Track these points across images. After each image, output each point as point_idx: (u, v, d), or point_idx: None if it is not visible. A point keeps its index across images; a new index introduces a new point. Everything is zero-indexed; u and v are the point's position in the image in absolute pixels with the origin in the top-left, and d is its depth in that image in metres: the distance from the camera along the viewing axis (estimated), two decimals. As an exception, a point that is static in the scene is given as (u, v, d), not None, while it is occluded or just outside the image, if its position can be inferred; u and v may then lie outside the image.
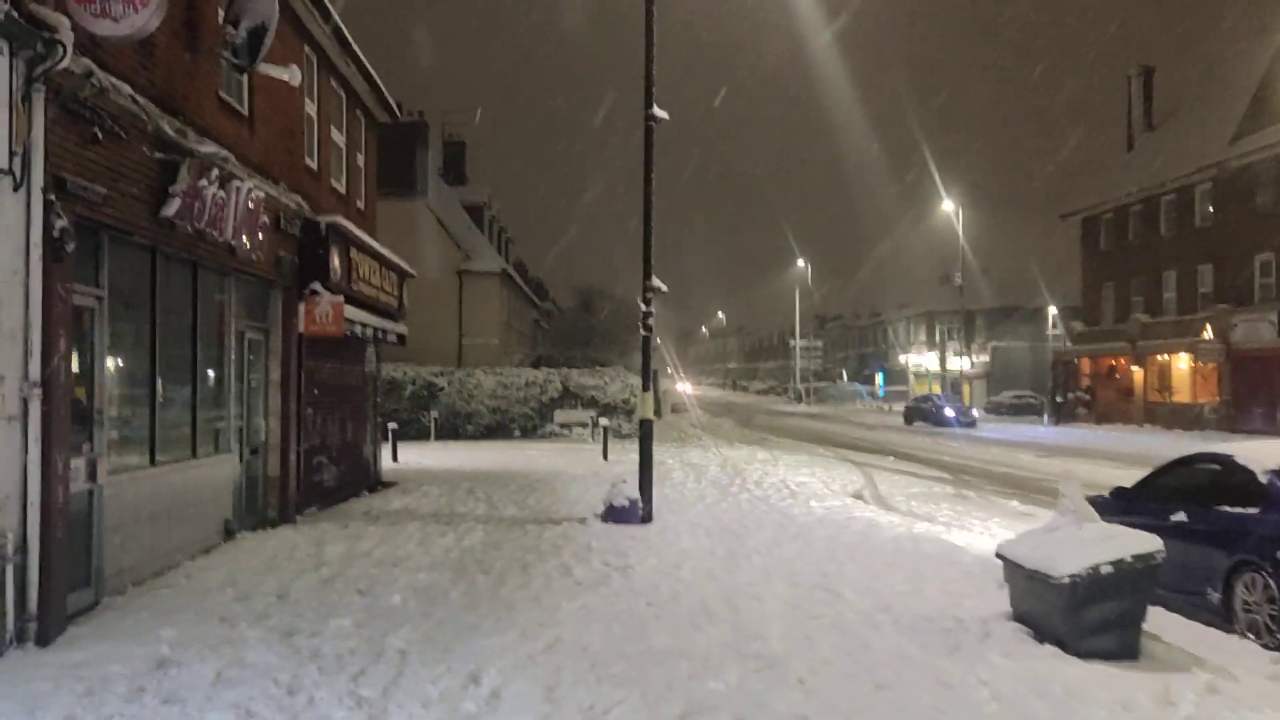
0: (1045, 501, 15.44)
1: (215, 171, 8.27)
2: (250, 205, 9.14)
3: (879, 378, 73.56)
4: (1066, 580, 6.17)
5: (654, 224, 11.91)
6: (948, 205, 47.25)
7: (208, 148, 8.14)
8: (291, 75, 9.05)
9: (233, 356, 9.83)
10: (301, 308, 11.24)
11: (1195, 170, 35.43)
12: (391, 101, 15.79)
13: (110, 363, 7.25)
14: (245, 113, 9.86)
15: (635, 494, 11.66)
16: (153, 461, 7.95)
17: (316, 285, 11.36)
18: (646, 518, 11.55)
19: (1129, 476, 18.91)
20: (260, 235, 9.55)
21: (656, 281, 11.83)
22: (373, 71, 14.24)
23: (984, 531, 12.14)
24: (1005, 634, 6.60)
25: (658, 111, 11.70)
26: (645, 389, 12.07)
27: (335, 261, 11.65)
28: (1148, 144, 42.16)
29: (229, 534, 9.50)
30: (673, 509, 12.89)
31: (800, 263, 69.59)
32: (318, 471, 12.40)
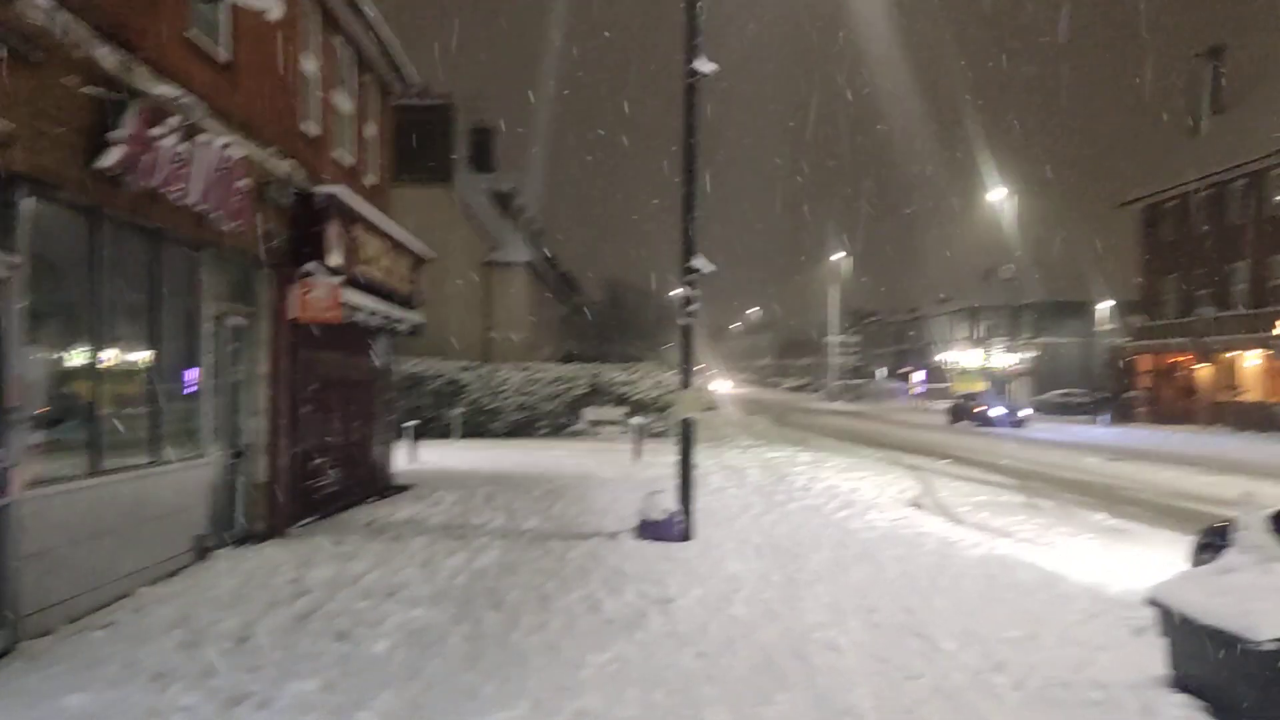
0: (1135, 514, 13.71)
1: (175, 120, 6.87)
2: (225, 166, 7.74)
3: (917, 375, 71.23)
4: (1272, 646, 4.55)
5: (695, 197, 10.37)
6: (996, 195, 45.01)
7: (164, 89, 6.74)
8: (273, 7, 7.62)
9: (210, 345, 8.45)
10: (295, 290, 9.85)
11: (1271, 153, 33.07)
12: (409, 68, 14.37)
13: (30, 349, 5.86)
14: (224, 60, 8.46)
15: (673, 505, 10.15)
16: (95, 470, 6.57)
17: (312, 265, 9.95)
18: (687, 534, 10.04)
19: (1229, 486, 17.17)
20: (239, 203, 8.15)
21: (700, 261, 10.27)
22: (385, 31, 12.83)
23: (1076, 552, 10.47)
24: (1174, 712, 4.98)
25: (702, 65, 10.13)
26: (687, 384, 10.54)
27: (335, 238, 10.24)
28: (1216, 128, 39.72)
29: (201, 552, 8.12)
30: (714, 522, 11.37)
31: (838, 255, 67.39)
32: (315, 476, 11.02)
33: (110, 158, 6.12)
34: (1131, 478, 18.61)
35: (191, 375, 8.28)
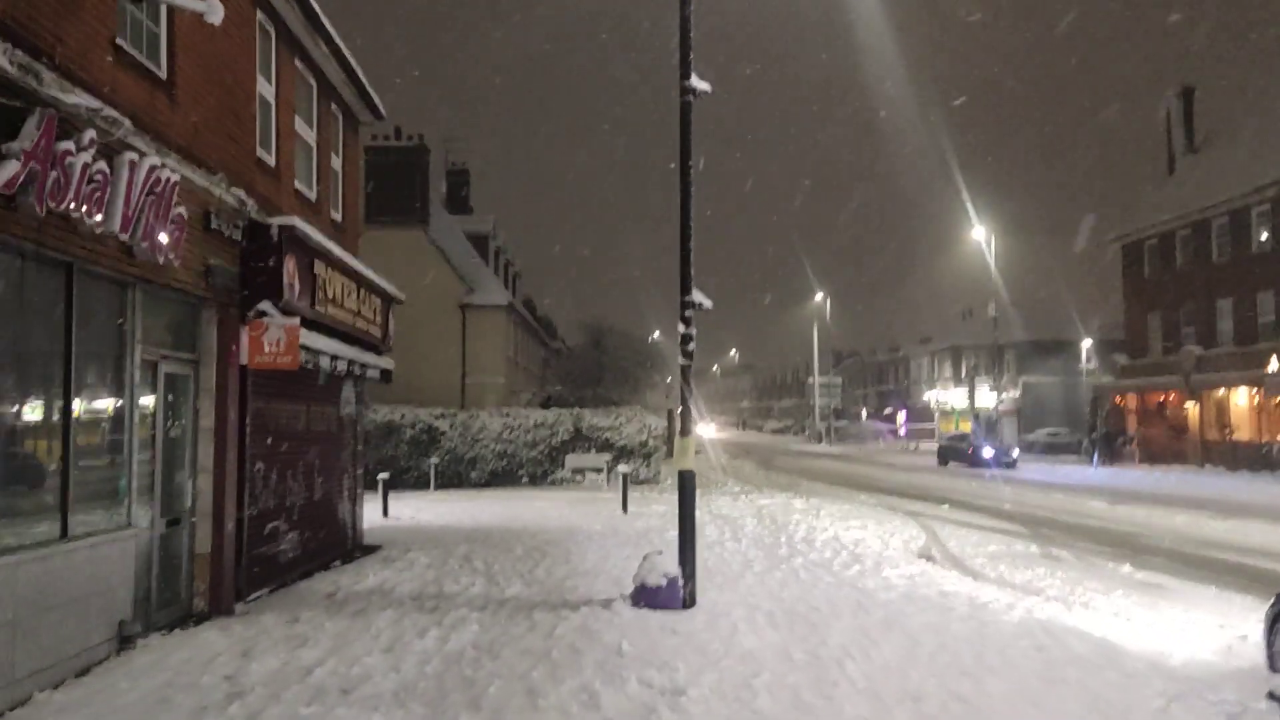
0: (1163, 565, 12.76)
1: (91, 135, 5.85)
2: (157, 190, 6.72)
3: (901, 415, 70.64)
4: None
5: (691, 225, 9.46)
6: (978, 233, 44.76)
7: (77, 99, 5.73)
8: (210, 10, 6.67)
9: (138, 397, 7.32)
10: (245, 333, 8.77)
11: (1252, 191, 33.03)
12: (375, 98, 13.49)
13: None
14: (161, 75, 7.47)
15: (673, 568, 9.05)
16: (-18, 550, 5.42)
17: (266, 305, 8.90)
18: (689, 600, 8.93)
19: (1249, 532, 16.30)
20: (175, 233, 7.11)
21: (698, 295, 9.32)
22: (349, 57, 11.95)
23: (1117, 613, 9.46)
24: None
25: (696, 83, 9.30)
26: (685, 432, 9.52)
27: (292, 275, 9.20)
28: (1191, 166, 39.86)
29: (125, 641, 6.90)
30: (716, 583, 10.27)
31: (819, 296, 67.06)
32: (271, 542, 9.81)
33: (4, 173, 5.08)
34: (1144, 523, 17.71)
35: (118, 432, 7.14)
